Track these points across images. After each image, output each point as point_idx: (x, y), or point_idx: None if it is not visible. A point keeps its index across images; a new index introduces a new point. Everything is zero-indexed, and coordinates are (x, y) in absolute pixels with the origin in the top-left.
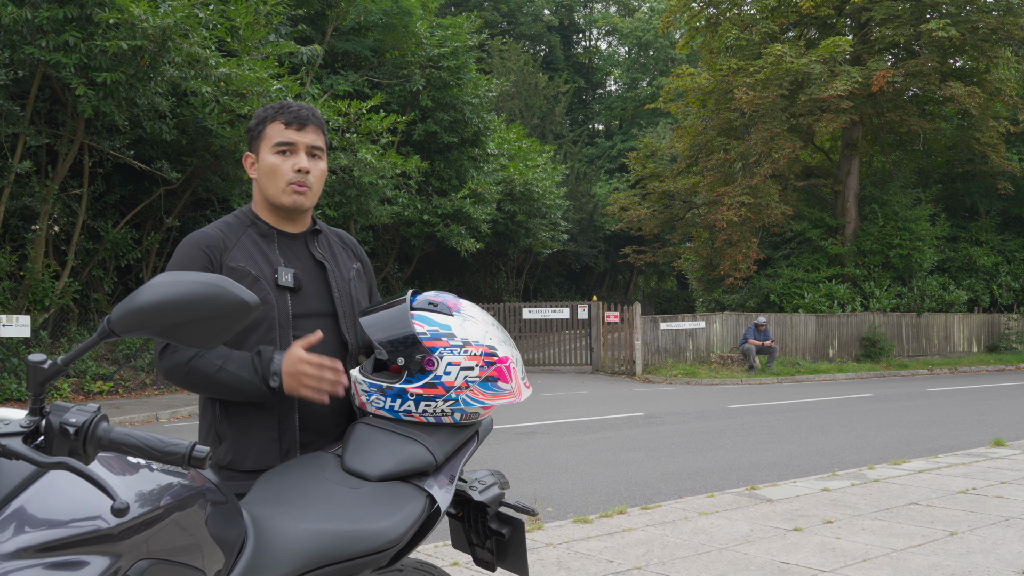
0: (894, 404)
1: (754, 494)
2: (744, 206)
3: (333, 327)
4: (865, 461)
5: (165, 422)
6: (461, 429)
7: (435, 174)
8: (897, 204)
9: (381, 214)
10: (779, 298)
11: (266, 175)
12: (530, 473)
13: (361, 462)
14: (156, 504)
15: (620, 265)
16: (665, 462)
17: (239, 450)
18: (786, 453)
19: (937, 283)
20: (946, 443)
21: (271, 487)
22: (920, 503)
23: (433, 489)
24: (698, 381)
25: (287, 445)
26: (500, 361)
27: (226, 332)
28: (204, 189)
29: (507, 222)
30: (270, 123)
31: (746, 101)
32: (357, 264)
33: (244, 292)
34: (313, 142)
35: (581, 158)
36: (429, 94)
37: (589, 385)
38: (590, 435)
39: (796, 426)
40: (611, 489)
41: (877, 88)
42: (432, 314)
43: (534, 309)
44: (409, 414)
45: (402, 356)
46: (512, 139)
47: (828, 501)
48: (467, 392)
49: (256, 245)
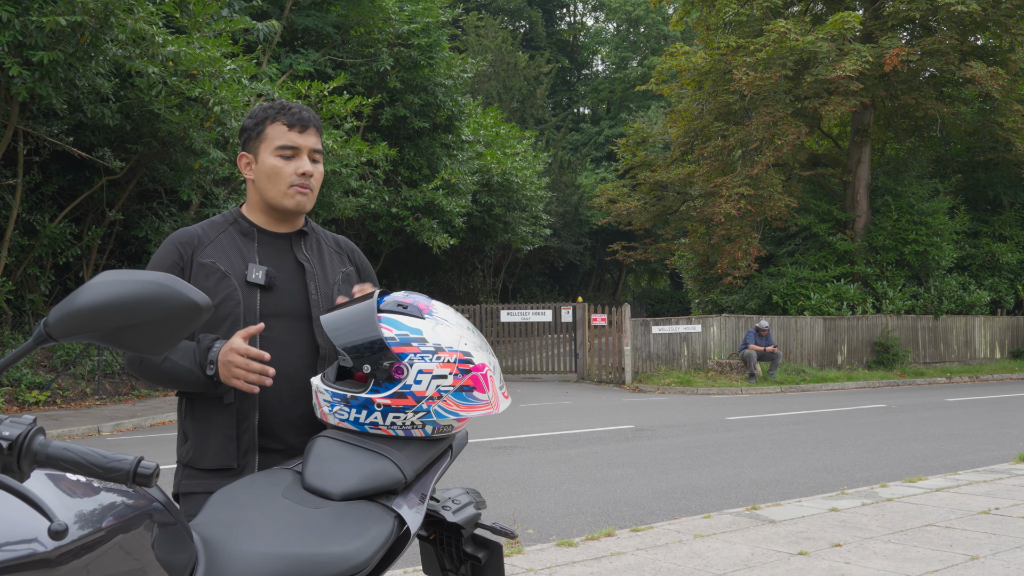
0: (909, 416)
1: (755, 515)
2: (744, 198)
3: (306, 330)
4: (877, 478)
5: (108, 435)
6: (433, 443)
7: (404, 163)
8: (912, 196)
9: (344, 207)
10: (783, 299)
11: (267, 178)
12: (509, 491)
13: (323, 479)
14: (98, 526)
15: (608, 263)
16: (657, 479)
17: (199, 447)
18: (790, 469)
19: (956, 283)
20: (966, 458)
21: (223, 507)
22: (938, 524)
23: (402, 509)
24: (693, 390)
25: (245, 445)
26: (476, 369)
27: (175, 336)
28: (151, 179)
29: (484, 216)
30: (271, 124)
31: (746, 82)
32: (348, 268)
33: (194, 292)
34: (314, 145)
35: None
36: (398, 75)
37: (574, 395)
38: (575, 450)
39: (801, 440)
40: (598, 509)
41: (890, 68)
42: (401, 317)
43: (513, 311)
44: (376, 427)
45: (368, 363)
46: (489, 124)
47: (836, 522)
48: (440, 403)
49: (234, 242)
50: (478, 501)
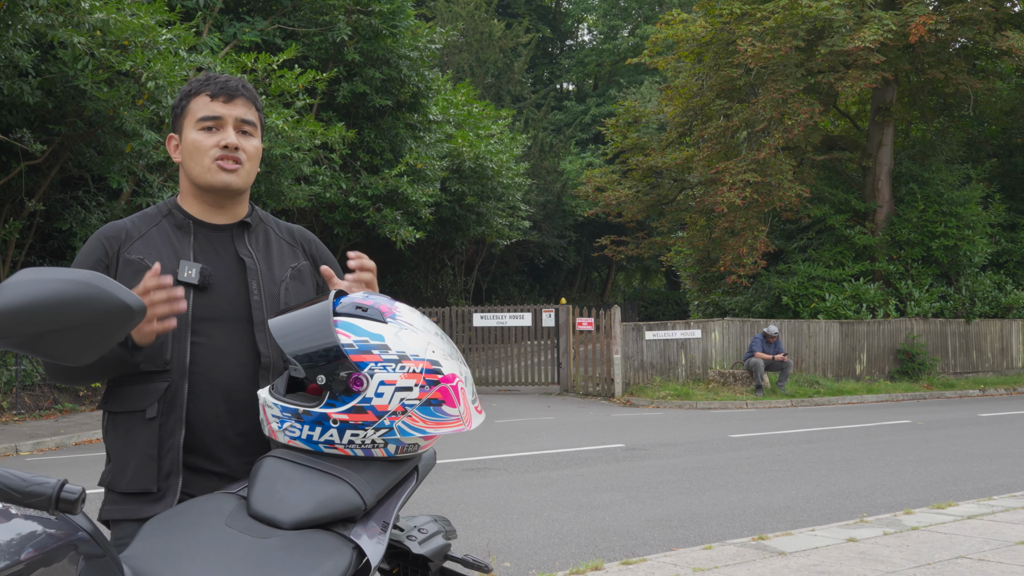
0: (937, 433)
1: (762, 545)
2: (750, 186)
3: (246, 335)
4: (901, 504)
5: (27, 455)
6: (396, 464)
7: (364, 146)
8: (941, 183)
9: (296, 196)
10: (793, 301)
11: (190, 154)
12: (483, 519)
13: (271, 505)
14: (15, 558)
15: (595, 260)
16: (651, 505)
17: (119, 468)
18: (802, 494)
19: (991, 282)
20: (1002, 481)
21: (158, 537)
22: (970, 556)
23: (361, 539)
24: (692, 404)
25: (168, 466)
26: (445, 380)
27: (104, 342)
28: (76, 165)
29: (454, 206)
30: (195, 97)
31: (752, 55)
32: (300, 263)
33: (125, 294)
34: (243, 115)
35: (546, 126)
36: (356, 46)
37: (556, 409)
38: (558, 472)
39: (815, 461)
40: (583, 539)
41: (916, 38)
42: (360, 321)
43: (488, 314)
44: (332, 445)
45: (323, 373)
46: (460, 102)
47: (855, 554)
48: (404, 418)
49: (166, 236)
50: (448, 530)
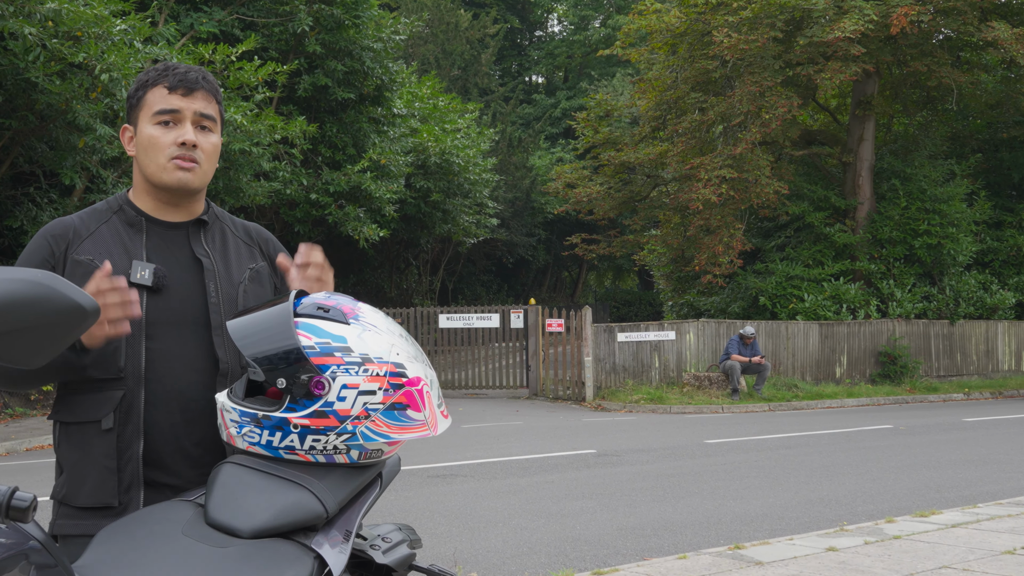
0: (920, 438)
1: (739, 555)
2: (725, 182)
3: (202, 340)
4: (883, 512)
5: None
6: (359, 471)
7: (325, 141)
8: (924, 179)
9: (255, 192)
10: (771, 301)
11: (145, 150)
12: (449, 528)
13: (230, 513)
14: None
15: (565, 259)
16: (623, 513)
17: (74, 482)
18: (780, 502)
19: (976, 282)
20: (987, 488)
21: (112, 546)
22: (954, 566)
23: (323, 548)
24: (666, 409)
25: (128, 479)
26: (410, 383)
27: (56, 345)
28: (26, 160)
29: (419, 203)
30: (151, 88)
31: (728, 46)
32: (259, 264)
33: (79, 294)
34: (203, 110)
35: (515, 120)
36: (318, 37)
37: (525, 414)
38: (527, 478)
39: (793, 467)
40: (553, 548)
41: (898, 29)
42: (322, 322)
43: (454, 315)
44: (292, 451)
45: (283, 376)
46: (425, 95)
47: (835, 564)
48: (367, 423)
49: (118, 235)
50: (412, 539)
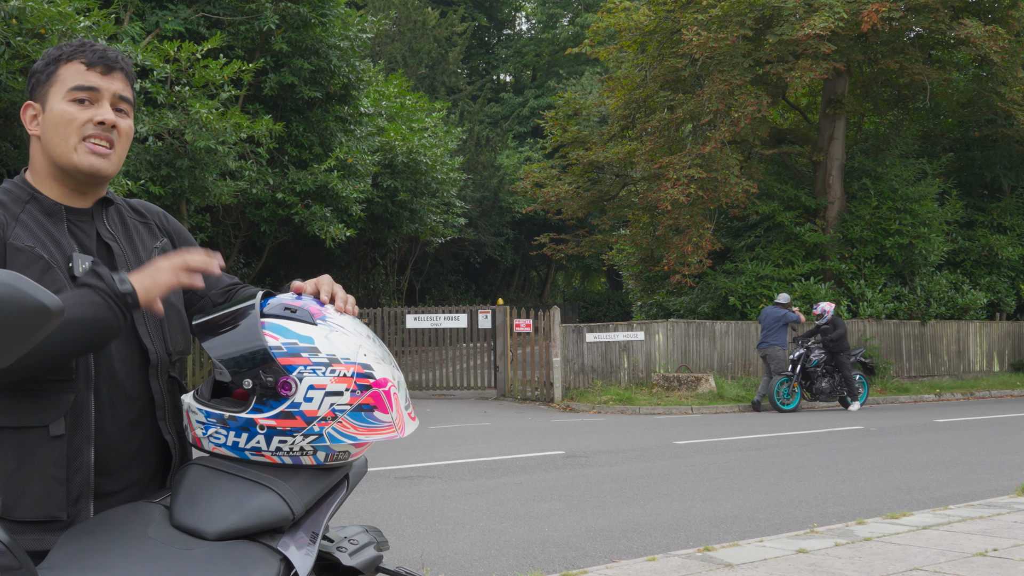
0: (891, 439)
1: (708, 557)
2: (694, 181)
3: (129, 332)
4: (853, 514)
5: None
6: (326, 473)
7: (292, 140)
8: (895, 179)
9: (221, 192)
10: (741, 301)
11: (54, 128)
12: (416, 530)
13: (195, 515)
14: None
15: (533, 259)
16: (592, 515)
17: (14, 492)
18: (750, 503)
19: (947, 282)
20: (958, 490)
21: (76, 548)
22: (925, 569)
23: (289, 550)
24: (635, 409)
25: (77, 489)
26: (377, 384)
27: (18, 346)
28: None
29: (386, 202)
30: (66, 63)
31: (697, 44)
32: (161, 241)
33: (43, 294)
34: (121, 92)
35: (483, 119)
36: (284, 35)
37: (493, 414)
38: (495, 480)
39: (763, 468)
40: (522, 550)
41: (868, 27)
42: (289, 322)
43: (421, 316)
44: (258, 452)
45: (249, 377)
46: (392, 94)
47: (805, 566)
48: (334, 424)
49: (40, 225)
50: (379, 541)
